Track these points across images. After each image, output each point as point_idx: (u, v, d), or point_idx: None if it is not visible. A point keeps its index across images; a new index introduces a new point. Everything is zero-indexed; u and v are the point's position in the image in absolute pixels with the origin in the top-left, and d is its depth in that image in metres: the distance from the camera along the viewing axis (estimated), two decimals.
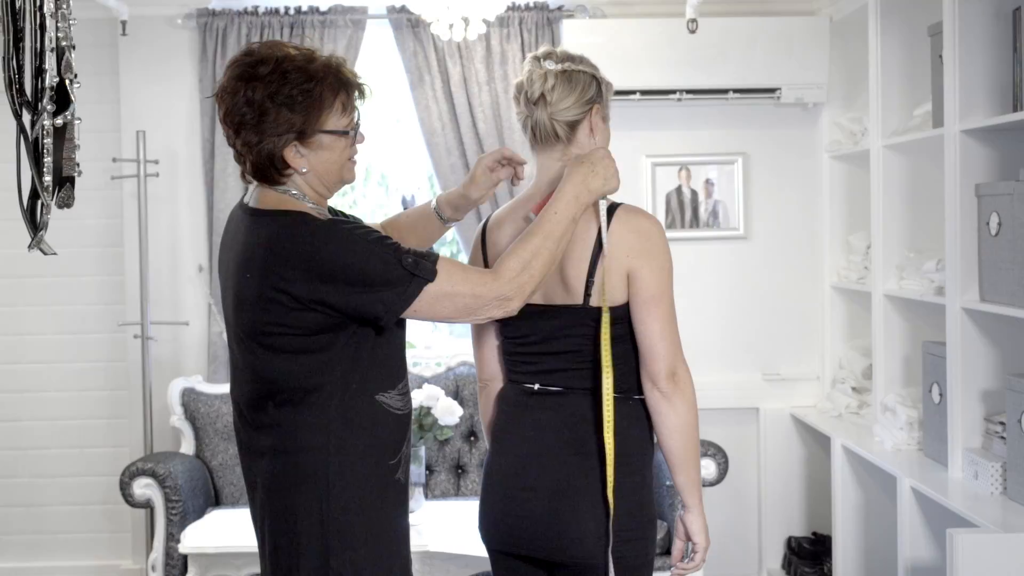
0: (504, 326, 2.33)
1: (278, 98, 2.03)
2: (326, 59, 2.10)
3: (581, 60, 2.32)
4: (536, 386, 2.29)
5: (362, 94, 2.15)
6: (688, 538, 2.29)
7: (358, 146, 2.18)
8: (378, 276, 2.01)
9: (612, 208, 2.24)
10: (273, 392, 2.08)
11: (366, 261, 2.01)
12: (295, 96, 2.04)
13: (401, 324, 2.16)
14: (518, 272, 2.10)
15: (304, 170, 2.09)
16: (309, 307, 2.01)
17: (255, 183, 2.15)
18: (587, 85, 2.29)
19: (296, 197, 2.11)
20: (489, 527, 2.33)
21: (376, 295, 2.01)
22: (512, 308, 2.11)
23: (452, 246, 5.02)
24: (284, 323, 2.03)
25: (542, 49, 2.33)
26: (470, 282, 2.08)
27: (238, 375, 2.15)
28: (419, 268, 2.03)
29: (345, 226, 2.06)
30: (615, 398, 2.21)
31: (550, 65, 2.28)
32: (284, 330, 2.03)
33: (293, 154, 2.07)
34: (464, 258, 4.31)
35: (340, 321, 2.04)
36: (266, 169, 2.09)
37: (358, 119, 2.15)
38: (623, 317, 2.21)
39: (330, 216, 2.14)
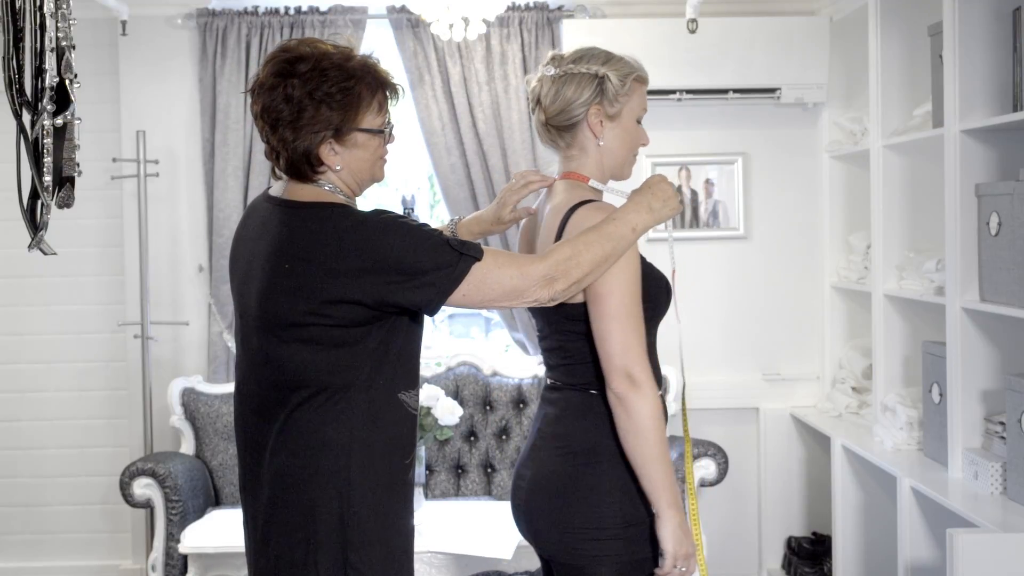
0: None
1: (317, 95, 2.04)
2: (363, 57, 2.12)
3: (589, 59, 2.30)
4: (549, 380, 2.35)
5: (395, 94, 2.16)
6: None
7: (388, 145, 2.19)
8: (428, 260, 2.01)
9: (577, 205, 2.25)
10: (298, 385, 2.06)
11: (415, 246, 2.01)
12: (334, 94, 2.05)
13: (422, 322, 2.17)
14: (566, 257, 2.10)
15: (338, 168, 2.10)
16: (354, 300, 2.00)
17: (285, 178, 2.15)
18: (582, 87, 2.28)
19: (331, 191, 2.12)
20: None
21: (427, 278, 2.01)
22: (557, 290, 2.10)
23: None
24: (322, 313, 2.01)
25: (551, 52, 2.36)
26: (516, 263, 2.08)
27: (256, 368, 2.12)
28: (466, 247, 2.04)
29: (387, 215, 2.06)
30: (571, 388, 2.26)
31: (548, 71, 2.31)
32: (320, 320, 2.01)
33: (328, 151, 2.08)
34: None
35: (378, 314, 2.04)
36: (300, 166, 2.09)
37: (391, 118, 2.16)
38: (581, 315, 2.22)
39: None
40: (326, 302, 2.00)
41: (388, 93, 2.14)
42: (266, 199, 2.17)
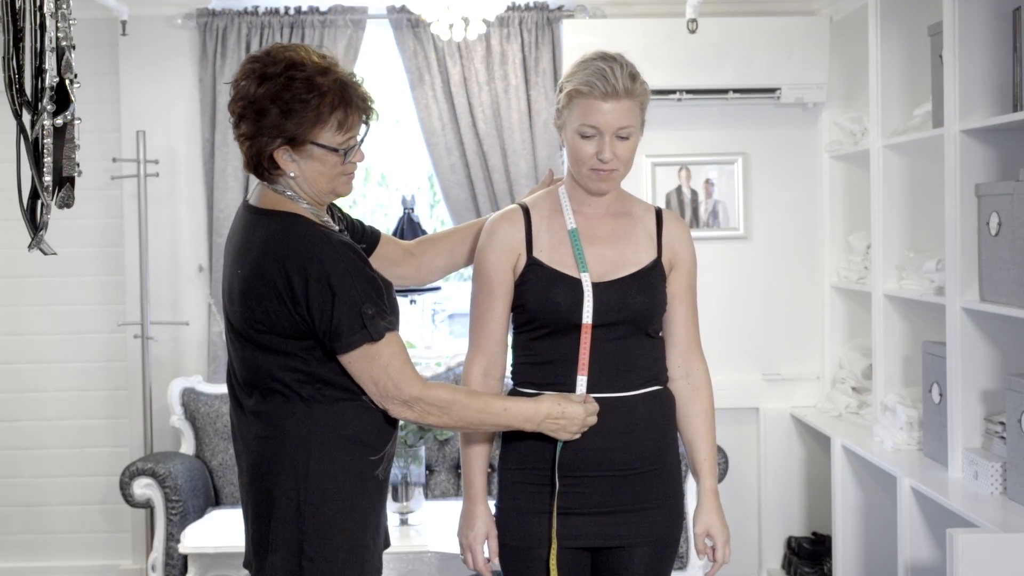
0: None
1: (277, 102, 2.07)
2: (339, 75, 2.12)
3: None
4: None
5: (367, 117, 2.16)
6: None
7: (360, 163, 2.21)
8: (335, 307, 2.05)
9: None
10: (258, 382, 2.13)
11: (336, 286, 2.05)
12: (292, 103, 2.07)
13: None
14: (439, 404, 2.15)
15: (292, 174, 2.13)
16: (286, 305, 2.05)
17: (258, 181, 2.20)
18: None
19: (291, 198, 2.15)
20: None
21: (324, 322, 2.05)
22: (408, 417, 2.15)
23: None
24: (264, 322, 2.08)
25: None
26: (401, 372, 2.11)
27: (232, 363, 2.21)
28: (371, 324, 2.07)
29: (335, 240, 2.09)
30: None
31: None
32: (264, 328, 2.09)
33: (285, 157, 2.11)
34: None
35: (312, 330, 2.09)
36: (257, 164, 2.14)
37: (361, 139, 2.16)
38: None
39: (326, 223, 2.18)
40: (265, 312, 2.07)
41: (353, 113, 2.12)
42: (243, 203, 2.23)
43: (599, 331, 2.27)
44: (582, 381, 2.26)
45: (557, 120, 2.34)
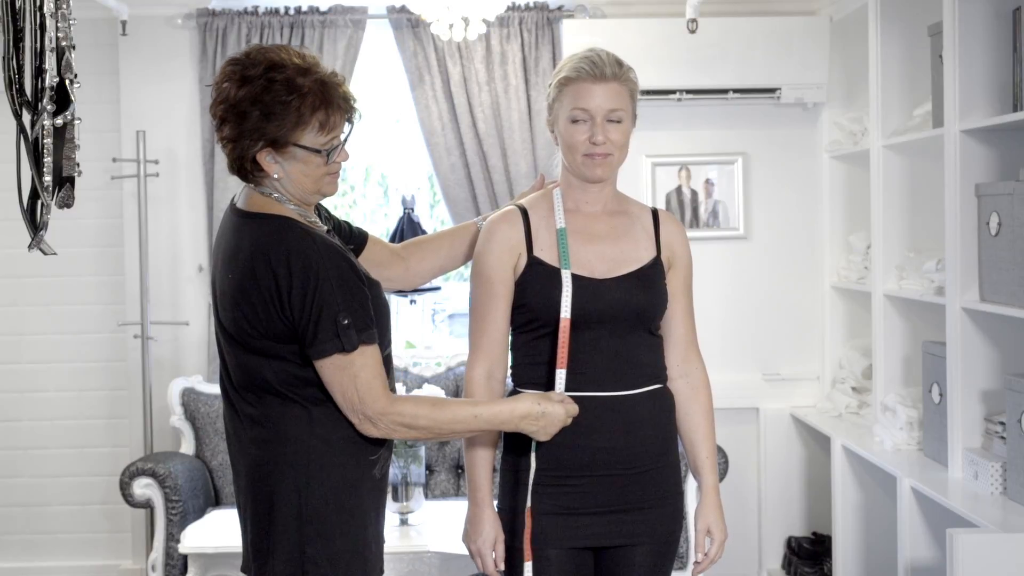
0: None
1: (258, 104, 2.06)
2: (320, 76, 2.10)
3: None
4: None
5: (350, 116, 2.15)
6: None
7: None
8: (314, 308, 2.04)
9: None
10: (255, 385, 2.13)
11: (319, 287, 2.04)
12: (273, 105, 2.05)
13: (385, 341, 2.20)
14: (404, 420, 2.10)
15: (276, 176, 2.12)
16: (275, 306, 2.05)
17: (243, 183, 2.19)
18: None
19: (278, 200, 2.14)
20: None
21: (303, 321, 2.05)
22: (369, 432, 2.11)
23: None
24: (257, 326, 2.07)
25: None
26: (368, 385, 2.07)
27: (225, 366, 2.19)
28: (344, 334, 2.05)
29: (323, 244, 2.09)
30: None
31: None
32: (257, 332, 2.08)
33: (268, 160, 2.10)
34: None
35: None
36: (241, 167, 2.13)
37: (344, 138, 2.15)
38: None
39: (313, 223, 2.17)
40: (256, 315, 2.06)
41: (335, 113, 2.11)
42: (230, 207, 2.22)
43: (602, 328, 2.28)
44: (560, 375, 2.25)
45: (549, 117, 2.38)
